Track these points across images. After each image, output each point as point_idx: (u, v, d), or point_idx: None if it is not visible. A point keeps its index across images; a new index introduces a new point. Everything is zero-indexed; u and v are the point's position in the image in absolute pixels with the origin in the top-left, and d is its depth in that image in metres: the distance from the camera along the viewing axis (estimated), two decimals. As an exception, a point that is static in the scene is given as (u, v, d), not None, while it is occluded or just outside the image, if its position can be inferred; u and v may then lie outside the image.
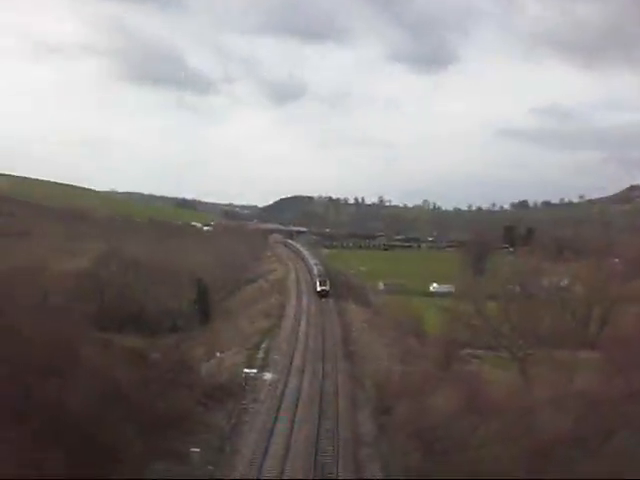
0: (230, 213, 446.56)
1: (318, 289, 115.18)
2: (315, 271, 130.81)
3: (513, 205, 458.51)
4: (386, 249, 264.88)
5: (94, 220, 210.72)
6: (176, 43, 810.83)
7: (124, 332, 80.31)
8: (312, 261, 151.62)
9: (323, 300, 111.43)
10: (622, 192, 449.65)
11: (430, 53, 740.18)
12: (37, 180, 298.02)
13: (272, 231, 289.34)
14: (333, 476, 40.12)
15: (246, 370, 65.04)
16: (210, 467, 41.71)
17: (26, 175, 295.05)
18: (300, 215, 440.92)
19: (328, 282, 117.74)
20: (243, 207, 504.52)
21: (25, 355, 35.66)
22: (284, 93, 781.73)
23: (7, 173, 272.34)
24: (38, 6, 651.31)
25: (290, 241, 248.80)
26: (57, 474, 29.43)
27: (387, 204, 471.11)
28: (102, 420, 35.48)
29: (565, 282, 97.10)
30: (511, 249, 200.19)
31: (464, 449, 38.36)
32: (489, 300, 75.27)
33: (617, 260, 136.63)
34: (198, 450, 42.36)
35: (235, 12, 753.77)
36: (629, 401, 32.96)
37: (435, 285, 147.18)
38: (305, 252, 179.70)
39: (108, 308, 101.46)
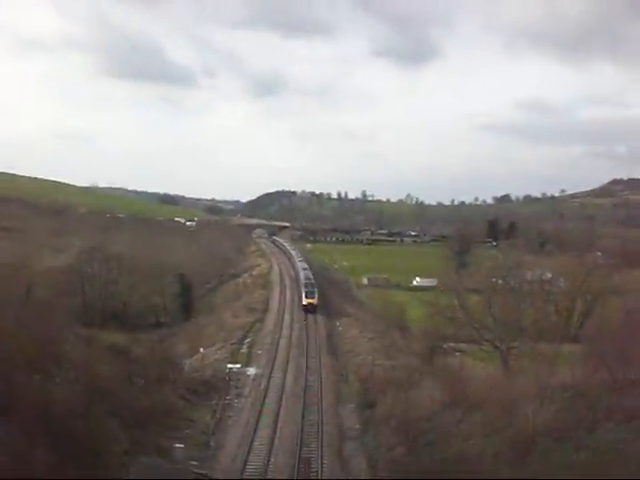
0: (213, 208, 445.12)
1: (304, 302, 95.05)
2: (302, 277, 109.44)
3: (495, 199, 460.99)
4: (369, 244, 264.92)
5: (77, 216, 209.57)
6: (157, 37, 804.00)
7: (108, 328, 79.82)
8: (298, 262, 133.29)
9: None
10: (604, 186, 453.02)
11: (413, 48, 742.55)
12: (17, 176, 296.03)
13: (255, 226, 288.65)
14: (317, 470, 40.24)
15: (230, 365, 65.03)
16: (194, 462, 41.67)
17: (6, 171, 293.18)
18: (283, 210, 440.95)
19: (316, 293, 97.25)
20: (226, 202, 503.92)
21: (9, 351, 35.46)
22: (266, 87, 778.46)
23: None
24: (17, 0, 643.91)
25: (274, 236, 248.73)
26: (45, 468, 29.35)
27: (370, 198, 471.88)
28: (87, 415, 35.36)
29: (548, 275, 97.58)
30: (494, 243, 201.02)
31: (448, 441, 38.55)
32: (472, 294, 75.57)
33: (599, 253, 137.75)
34: (182, 446, 42.30)
35: (216, 5, 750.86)
36: (612, 393, 33.25)
37: (418, 279, 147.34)
38: (289, 247, 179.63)
39: (91, 304, 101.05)
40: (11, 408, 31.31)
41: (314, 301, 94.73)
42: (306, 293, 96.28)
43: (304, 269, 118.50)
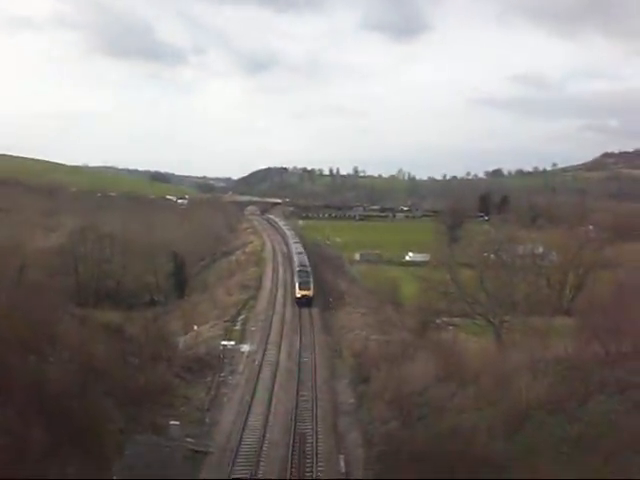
0: (205, 186, 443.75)
1: (297, 294, 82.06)
2: (296, 262, 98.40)
3: (487, 174, 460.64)
4: (361, 219, 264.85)
5: (68, 195, 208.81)
6: (147, 15, 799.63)
7: (101, 307, 80.00)
8: (293, 244, 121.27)
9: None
10: (596, 159, 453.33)
11: (404, 21, 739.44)
12: (7, 156, 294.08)
13: (247, 203, 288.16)
14: (313, 445, 40.47)
15: (224, 342, 65.15)
16: (189, 439, 41.88)
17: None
18: (275, 187, 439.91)
19: (312, 282, 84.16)
20: (218, 179, 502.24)
21: (2, 332, 35.45)
22: (257, 64, 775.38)
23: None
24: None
25: (266, 213, 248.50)
26: (40, 448, 29.46)
27: (362, 174, 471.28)
28: (82, 395, 35.44)
29: (540, 249, 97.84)
30: (486, 217, 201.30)
31: (442, 415, 38.79)
32: (464, 268, 75.73)
33: (591, 227, 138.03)
34: (177, 423, 42.47)
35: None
36: (604, 365, 33.49)
37: (411, 254, 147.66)
38: (282, 225, 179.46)
39: (85, 283, 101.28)
40: (5, 388, 31.34)
41: (309, 293, 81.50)
42: (300, 283, 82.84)
43: (298, 253, 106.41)
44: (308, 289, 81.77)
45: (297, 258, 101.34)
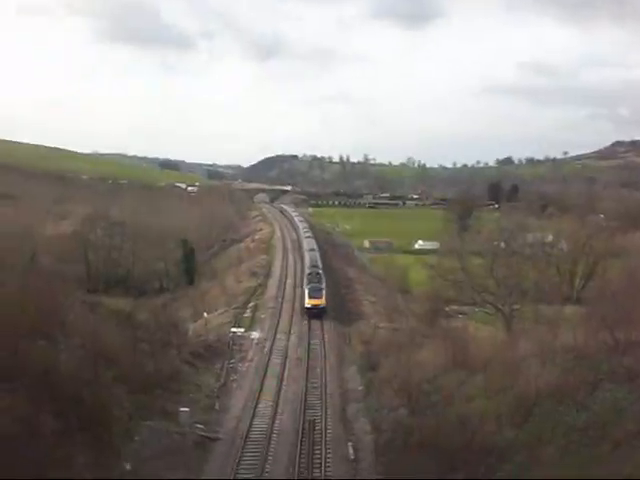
0: (214, 173, 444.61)
1: (307, 303, 70.21)
2: (307, 261, 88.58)
3: (498, 162, 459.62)
4: (371, 207, 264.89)
5: (79, 183, 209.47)
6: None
7: (111, 294, 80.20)
8: (305, 239, 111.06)
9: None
10: (607, 148, 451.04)
11: (414, 9, 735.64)
12: (18, 143, 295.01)
13: (257, 191, 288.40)
14: (322, 432, 40.62)
15: (233, 329, 65.39)
16: (199, 425, 42.08)
17: (7, 138, 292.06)
18: (284, 174, 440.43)
19: (324, 289, 72.52)
20: (227, 167, 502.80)
21: (13, 318, 35.61)
22: (266, 50, 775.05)
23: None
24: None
25: (276, 201, 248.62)
26: (51, 433, 29.68)
27: (372, 162, 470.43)
28: (92, 381, 35.62)
29: (550, 238, 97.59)
30: (496, 205, 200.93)
31: (451, 403, 38.85)
32: (474, 257, 75.63)
33: (602, 216, 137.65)
34: (187, 409, 42.62)
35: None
36: (614, 354, 33.43)
37: (420, 242, 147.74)
38: (291, 211, 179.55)
39: (95, 270, 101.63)
40: (16, 374, 31.53)
41: (321, 302, 69.87)
42: (310, 290, 71.03)
43: (310, 250, 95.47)
44: (320, 297, 69.92)
45: (308, 256, 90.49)
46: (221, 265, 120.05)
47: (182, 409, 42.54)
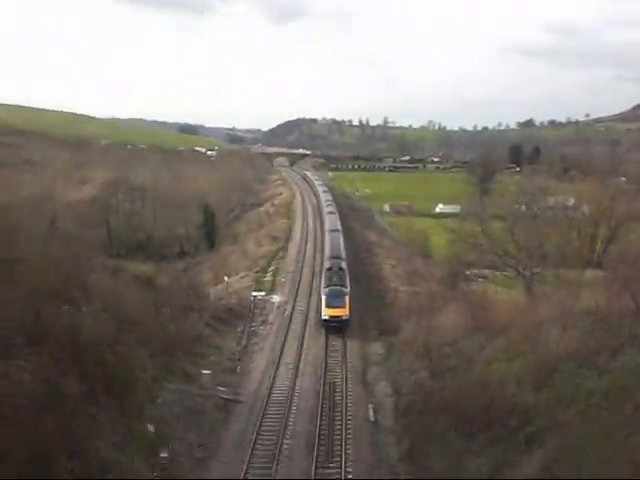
0: (234, 137, 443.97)
1: (324, 314, 53.19)
2: (327, 246, 69.99)
3: (519, 124, 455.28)
4: (391, 171, 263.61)
5: (98, 148, 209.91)
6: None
7: (133, 258, 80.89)
8: (327, 215, 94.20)
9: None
10: (629, 111, 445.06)
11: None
12: (38, 109, 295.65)
13: (276, 155, 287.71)
14: (342, 394, 40.94)
15: (254, 293, 65.73)
16: (221, 388, 42.55)
17: (26, 104, 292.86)
18: (304, 138, 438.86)
19: (347, 293, 54.64)
20: (247, 131, 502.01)
21: (36, 283, 35.96)
22: (286, 12, 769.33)
23: (6, 102, 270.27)
24: None
25: (295, 165, 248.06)
26: (76, 396, 30.08)
27: (391, 125, 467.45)
28: (115, 344, 36.03)
29: (571, 201, 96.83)
30: (517, 169, 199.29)
31: (471, 366, 38.92)
32: (495, 220, 75.24)
33: (624, 179, 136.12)
34: (209, 372, 43.11)
35: None
36: (635, 318, 33.26)
37: (441, 206, 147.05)
38: (310, 175, 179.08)
39: (116, 235, 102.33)
40: (40, 338, 31.92)
41: (343, 312, 52.90)
42: (329, 296, 53.77)
43: (332, 230, 78.14)
44: (342, 306, 52.93)
45: (329, 240, 72.75)
46: (241, 229, 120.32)
47: (204, 372, 43.05)
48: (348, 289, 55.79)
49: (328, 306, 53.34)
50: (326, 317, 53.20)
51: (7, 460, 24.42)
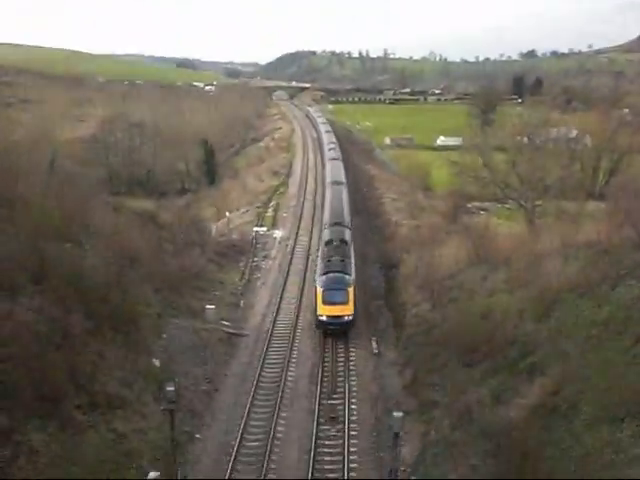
0: (232, 71, 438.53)
1: (320, 313, 40.26)
2: (327, 212, 55.24)
3: (521, 55, 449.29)
4: (392, 103, 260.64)
5: (96, 84, 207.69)
6: None
7: (133, 195, 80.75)
8: (328, 161, 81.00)
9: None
10: (632, 41, 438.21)
11: None
12: (34, 47, 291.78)
13: (275, 88, 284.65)
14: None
15: (256, 228, 65.84)
16: (225, 322, 42.98)
17: (22, 42, 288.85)
18: (303, 71, 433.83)
19: (352, 281, 41.05)
20: (245, 64, 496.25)
21: (38, 221, 36.00)
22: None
23: (1, 41, 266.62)
24: None
25: (295, 98, 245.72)
26: (81, 333, 30.40)
27: (392, 57, 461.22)
28: (119, 281, 36.22)
29: (574, 133, 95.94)
30: (519, 100, 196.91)
31: (473, 298, 39.21)
32: (497, 152, 74.68)
33: (627, 110, 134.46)
34: (213, 307, 43.51)
35: None
36: (636, 249, 33.29)
37: (442, 138, 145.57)
38: (310, 110, 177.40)
39: (116, 172, 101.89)
40: (44, 277, 32.10)
41: (346, 311, 40.10)
42: (327, 285, 40.52)
43: (335, 182, 65.31)
44: (344, 302, 39.84)
45: (330, 197, 59.29)
46: (242, 164, 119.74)
47: (208, 306, 43.46)
48: (353, 275, 41.80)
49: (325, 302, 39.95)
50: (322, 317, 39.97)
51: (16, 398, 24.83)
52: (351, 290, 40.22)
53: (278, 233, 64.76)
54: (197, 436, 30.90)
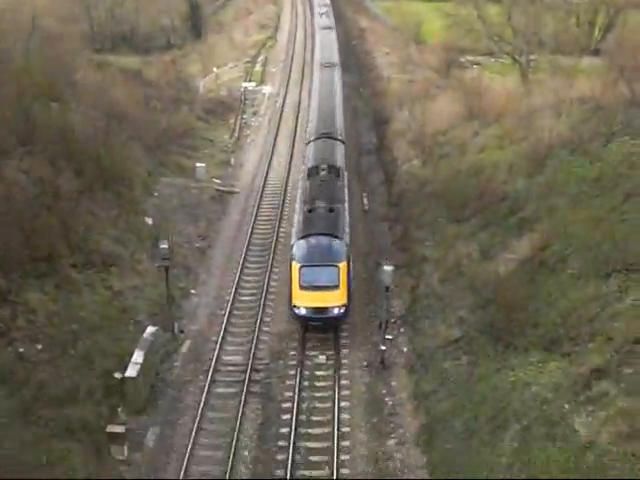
0: None
1: (297, 304, 27.11)
2: (312, 119, 42.43)
3: None
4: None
5: None
6: None
7: (118, 52, 78.52)
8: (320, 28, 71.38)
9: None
10: None
11: None
12: None
13: None
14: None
15: (244, 84, 64.58)
16: (216, 180, 42.91)
17: None
18: None
19: (344, 259, 27.20)
20: None
21: (22, 82, 35.18)
22: None
23: None
24: None
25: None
26: (71, 193, 30.36)
27: None
28: (108, 140, 35.79)
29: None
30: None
31: (464, 154, 39.04)
32: (491, 3, 72.44)
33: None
34: (203, 165, 43.27)
35: None
36: (630, 106, 32.87)
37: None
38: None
39: (99, 29, 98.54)
40: (32, 137, 31.70)
41: (336, 299, 27.09)
42: (306, 256, 27.57)
43: (326, 65, 53.33)
44: (333, 287, 27.09)
45: (316, 110, 43.81)
46: (228, 18, 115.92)
47: (198, 165, 43.25)
48: (347, 237, 29.18)
49: (304, 286, 27.31)
50: (300, 310, 27.38)
51: (11, 259, 25.07)
52: (343, 266, 27.22)
53: (267, 89, 63.61)
54: (192, 291, 31.54)
